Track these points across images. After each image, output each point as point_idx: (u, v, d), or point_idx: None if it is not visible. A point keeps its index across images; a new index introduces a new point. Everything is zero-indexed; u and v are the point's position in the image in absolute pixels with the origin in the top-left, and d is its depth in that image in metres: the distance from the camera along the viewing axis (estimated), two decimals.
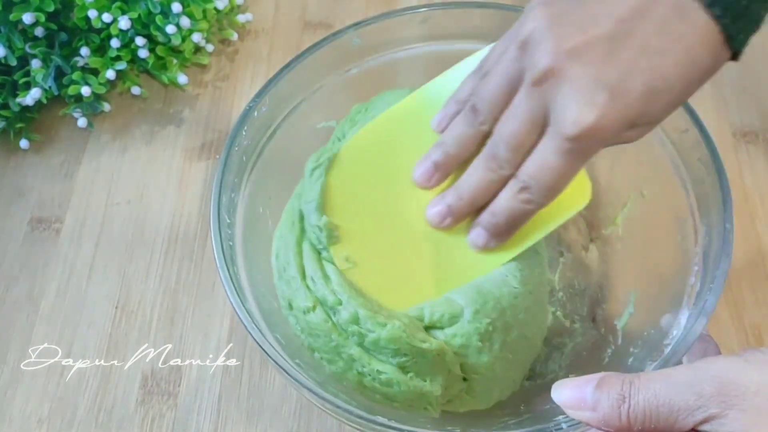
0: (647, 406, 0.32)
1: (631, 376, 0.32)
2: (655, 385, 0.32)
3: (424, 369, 0.41)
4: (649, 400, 0.31)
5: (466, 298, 0.42)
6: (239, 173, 0.46)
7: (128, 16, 0.58)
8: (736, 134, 0.60)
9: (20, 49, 0.57)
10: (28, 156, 0.60)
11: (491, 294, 0.42)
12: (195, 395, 0.49)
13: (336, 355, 0.41)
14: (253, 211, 0.47)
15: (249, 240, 0.45)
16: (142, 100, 0.63)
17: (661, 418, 0.31)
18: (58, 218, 0.56)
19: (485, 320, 0.41)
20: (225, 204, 0.44)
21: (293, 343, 0.43)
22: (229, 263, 0.42)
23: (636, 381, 0.32)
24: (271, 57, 0.65)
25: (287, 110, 0.49)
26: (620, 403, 0.32)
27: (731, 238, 0.41)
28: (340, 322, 0.41)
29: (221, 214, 0.43)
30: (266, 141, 0.48)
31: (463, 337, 0.41)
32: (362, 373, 0.41)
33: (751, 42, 0.40)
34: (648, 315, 0.45)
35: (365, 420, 0.38)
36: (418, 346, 0.40)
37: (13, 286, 0.53)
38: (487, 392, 0.43)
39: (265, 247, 0.46)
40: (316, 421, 0.48)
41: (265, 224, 0.47)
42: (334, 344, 0.41)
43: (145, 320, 0.52)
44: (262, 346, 0.39)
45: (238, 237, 0.45)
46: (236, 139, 0.46)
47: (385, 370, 0.40)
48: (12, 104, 0.58)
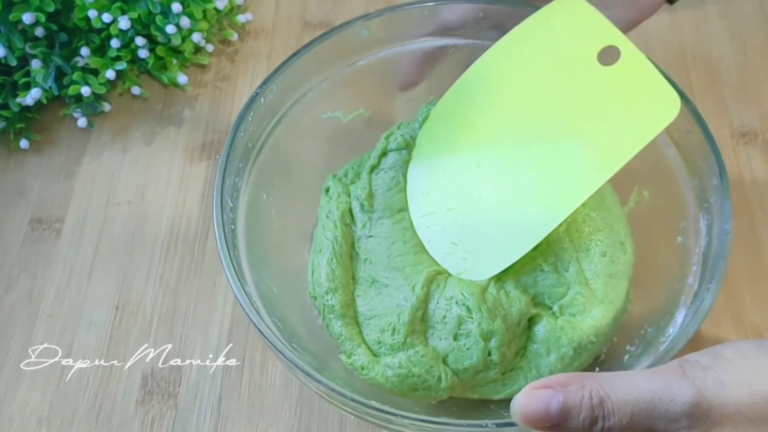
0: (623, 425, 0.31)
1: (598, 384, 0.31)
2: (628, 397, 0.31)
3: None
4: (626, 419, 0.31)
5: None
6: (244, 159, 0.47)
7: (128, 16, 0.58)
8: (735, 134, 0.60)
9: (20, 50, 0.57)
10: (29, 156, 0.60)
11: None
12: (195, 395, 0.49)
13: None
14: (256, 197, 0.47)
15: (251, 226, 0.45)
16: (142, 100, 0.63)
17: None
18: (58, 218, 0.56)
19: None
20: (228, 188, 0.44)
21: (290, 327, 0.43)
22: (230, 246, 0.42)
23: (607, 401, 0.31)
24: (271, 57, 0.65)
25: (293, 99, 0.50)
26: (591, 425, 0.31)
27: (730, 240, 0.41)
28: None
29: (224, 197, 0.43)
30: (272, 129, 0.49)
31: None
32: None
33: (751, 42, 0.40)
34: (645, 313, 0.45)
35: (360, 404, 0.38)
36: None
37: (13, 286, 0.53)
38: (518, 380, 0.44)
39: (268, 234, 0.46)
40: (317, 420, 0.48)
41: (268, 212, 0.47)
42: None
43: (146, 320, 0.52)
44: (259, 328, 0.39)
45: (240, 222, 0.45)
46: (242, 124, 0.46)
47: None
48: (12, 104, 0.58)
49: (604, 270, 0.45)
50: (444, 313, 0.44)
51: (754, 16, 0.66)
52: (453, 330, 0.44)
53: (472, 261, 0.46)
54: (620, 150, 0.42)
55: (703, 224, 0.43)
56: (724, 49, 0.64)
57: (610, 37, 0.44)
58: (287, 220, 0.50)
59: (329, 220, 0.49)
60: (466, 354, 0.43)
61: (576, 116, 0.44)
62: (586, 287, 0.45)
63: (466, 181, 0.47)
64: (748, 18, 0.66)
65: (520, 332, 0.44)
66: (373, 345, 0.45)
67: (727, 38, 0.65)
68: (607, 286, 0.45)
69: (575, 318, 0.44)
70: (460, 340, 0.44)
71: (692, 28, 0.65)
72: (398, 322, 0.44)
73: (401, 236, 0.48)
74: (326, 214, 0.49)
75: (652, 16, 0.49)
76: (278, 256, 0.48)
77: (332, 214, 0.49)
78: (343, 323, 0.46)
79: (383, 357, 0.44)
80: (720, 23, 0.66)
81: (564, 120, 0.45)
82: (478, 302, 0.44)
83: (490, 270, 0.45)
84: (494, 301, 0.44)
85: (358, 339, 0.45)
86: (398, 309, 0.45)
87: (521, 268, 0.45)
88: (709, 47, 0.64)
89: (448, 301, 0.44)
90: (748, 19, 0.66)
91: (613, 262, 0.46)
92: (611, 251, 0.46)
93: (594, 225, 0.47)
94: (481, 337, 0.43)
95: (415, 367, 0.43)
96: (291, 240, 0.50)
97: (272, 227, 0.48)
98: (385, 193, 0.49)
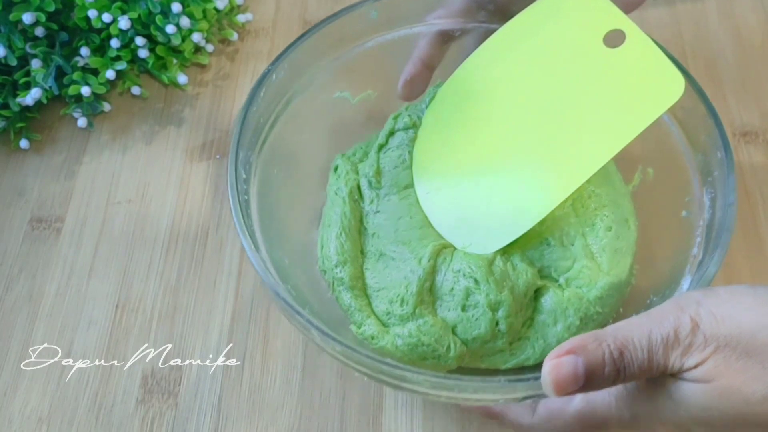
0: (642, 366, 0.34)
1: (613, 338, 0.34)
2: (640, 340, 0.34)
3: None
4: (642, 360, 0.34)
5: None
6: (255, 134, 0.48)
7: (128, 16, 0.58)
8: (736, 134, 0.60)
9: (20, 49, 0.57)
10: (29, 156, 0.60)
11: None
12: (195, 395, 0.49)
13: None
14: (268, 173, 0.49)
15: (263, 199, 0.47)
16: (142, 99, 0.63)
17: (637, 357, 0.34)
18: (58, 218, 0.56)
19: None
20: (242, 160, 0.45)
21: (302, 297, 0.44)
22: (244, 214, 0.44)
23: (625, 351, 0.34)
24: (271, 57, 0.65)
25: (303, 78, 0.51)
26: (614, 378, 0.34)
27: (734, 212, 0.42)
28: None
29: (238, 167, 0.45)
30: (282, 107, 0.50)
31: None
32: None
33: (751, 42, 0.41)
34: (651, 284, 0.46)
35: (376, 361, 0.38)
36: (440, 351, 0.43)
37: (13, 286, 0.53)
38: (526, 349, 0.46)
39: (278, 209, 0.48)
40: (317, 420, 0.48)
41: (279, 187, 0.49)
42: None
43: (146, 320, 0.52)
44: (275, 290, 0.40)
45: (253, 194, 0.46)
46: (254, 99, 0.47)
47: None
48: (12, 104, 0.58)
49: (609, 244, 0.47)
50: (451, 285, 0.45)
51: (755, 14, 0.66)
52: (461, 301, 0.45)
53: (478, 235, 0.47)
54: (626, 128, 0.43)
55: (707, 198, 0.44)
56: (725, 48, 0.64)
57: (616, 20, 0.45)
58: (297, 197, 0.51)
59: (338, 196, 0.50)
60: (475, 324, 0.44)
61: (583, 96, 0.45)
62: (591, 260, 0.46)
63: (471, 158, 0.49)
64: (748, 16, 0.66)
65: (527, 303, 0.45)
66: (383, 316, 0.46)
67: (728, 37, 0.65)
68: (612, 260, 0.46)
69: (581, 290, 0.45)
70: (468, 311, 0.45)
71: (692, 26, 0.65)
72: (406, 293, 0.45)
73: (407, 212, 0.49)
74: (335, 191, 0.51)
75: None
76: (289, 230, 0.49)
77: (341, 190, 0.50)
78: (352, 295, 0.47)
79: (393, 327, 0.45)
80: (720, 22, 0.66)
81: (571, 99, 0.46)
82: (486, 274, 0.45)
83: (495, 244, 0.46)
84: (501, 273, 0.45)
85: (367, 310, 0.46)
86: (406, 281, 0.46)
87: (527, 242, 0.47)
88: (710, 46, 0.64)
89: (456, 274, 0.46)
90: (749, 18, 0.66)
91: (618, 237, 0.47)
92: (616, 227, 0.47)
93: (599, 201, 0.48)
94: (488, 308, 0.44)
95: (424, 336, 0.44)
96: (301, 216, 0.51)
97: (283, 203, 0.49)
98: (392, 171, 0.51)
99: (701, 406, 0.34)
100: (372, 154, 0.51)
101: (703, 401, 0.34)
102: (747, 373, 0.33)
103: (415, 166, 0.50)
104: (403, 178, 0.50)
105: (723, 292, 0.35)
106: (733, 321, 0.33)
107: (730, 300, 0.34)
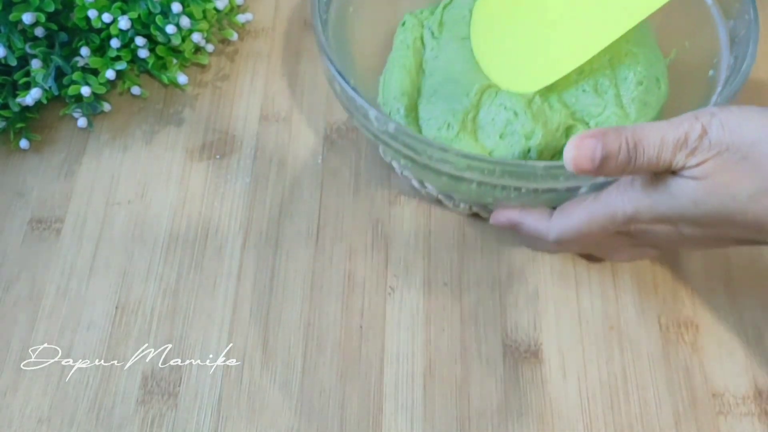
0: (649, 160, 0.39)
1: (632, 132, 0.39)
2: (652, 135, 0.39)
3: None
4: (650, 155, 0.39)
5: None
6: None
7: (128, 16, 0.58)
8: None
9: (20, 49, 0.57)
10: (28, 156, 0.60)
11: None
12: (195, 395, 0.49)
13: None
14: (345, 7, 0.56)
15: (337, 29, 0.54)
16: (142, 100, 0.63)
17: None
18: (58, 218, 0.56)
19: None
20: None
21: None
22: (322, 22, 0.52)
23: (639, 144, 0.39)
24: (271, 56, 0.65)
25: None
26: (625, 166, 0.39)
27: (753, 61, 0.48)
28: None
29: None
30: None
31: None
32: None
33: None
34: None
35: (417, 140, 0.46)
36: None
37: (13, 286, 0.53)
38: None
39: (350, 42, 0.55)
40: (317, 420, 0.48)
41: (352, 25, 0.56)
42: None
43: (146, 320, 0.52)
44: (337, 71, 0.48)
45: (330, 20, 0.54)
46: None
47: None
48: (12, 104, 0.58)
49: (638, 97, 0.53)
50: (493, 116, 0.52)
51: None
52: (500, 130, 0.52)
53: (521, 77, 0.53)
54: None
55: (732, 58, 0.51)
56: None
57: None
58: (366, 42, 0.59)
59: (403, 44, 0.58)
60: (510, 150, 0.51)
61: None
62: (621, 109, 0.52)
63: (524, 9, 0.56)
64: None
65: (558, 137, 0.51)
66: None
67: None
68: (640, 111, 0.52)
69: None
70: (506, 139, 0.51)
71: None
72: (453, 119, 0.52)
73: (462, 57, 0.56)
74: (401, 40, 0.58)
75: None
76: (357, 62, 0.56)
77: (406, 39, 0.58)
78: (406, 122, 0.54)
79: None
80: None
81: None
82: (525, 108, 0.51)
83: (536, 84, 0.52)
84: (538, 109, 0.52)
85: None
86: (453, 111, 0.53)
87: (564, 86, 0.53)
88: None
89: (498, 107, 0.52)
90: None
91: (647, 92, 0.53)
92: (647, 83, 0.53)
93: (634, 59, 0.54)
94: (524, 137, 0.51)
95: None
96: (369, 56, 0.59)
97: (354, 39, 0.57)
98: (453, 24, 0.58)
99: (693, 201, 0.39)
100: (437, 10, 0.59)
101: (695, 196, 0.39)
102: (738, 173, 0.37)
103: (473, 21, 0.58)
104: (462, 30, 0.57)
105: (735, 108, 0.39)
106: (738, 131, 0.38)
107: (740, 115, 0.38)
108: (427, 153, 0.46)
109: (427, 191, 0.56)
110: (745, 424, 0.47)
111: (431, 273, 0.53)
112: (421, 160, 0.47)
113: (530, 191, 0.46)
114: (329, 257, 0.54)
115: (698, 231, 0.42)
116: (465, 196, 0.53)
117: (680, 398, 0.48)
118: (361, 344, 0.51)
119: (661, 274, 0.53)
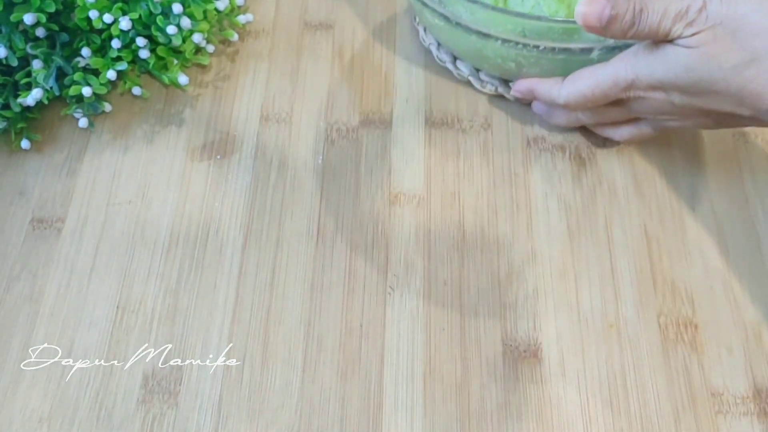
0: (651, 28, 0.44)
1: (644, 4, 0.44)
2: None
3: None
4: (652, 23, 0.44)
5: None
6: None
7: (129, 16, 0.58)
8: (735, 134, 0.60)
9: (21, 50, 0.57)
10: (29, 156, 0.60)
11: None
12: (195, 395, 0.49)
13: None
14: None
15: None
16: (143, 100, 0.63)
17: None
18: (59, 218, 0.56)
19: None
20: None
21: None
22: None
23: (645, 10, 0.43)
24: (271, 57, 0.65)
25: None
26: (629, 28, 0.44)
27: None
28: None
29: None
30: None
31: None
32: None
33: None
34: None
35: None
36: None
37: (13, 285, 0.53)
38: None
39: None
40: (317, 420, 0.48)
41: None
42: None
43: (146, 320, 0.52)
44: None
45: None
46: None
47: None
48: (13, 104, 0.58)
49: None
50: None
51: None
52: (527, 10, 0.55)
53: None
54: None
55: None
56: None
57: None
58: None
59: None
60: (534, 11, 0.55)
61: None
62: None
63: None
64: None
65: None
66: None
67: None
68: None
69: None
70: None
71: None
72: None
73: None
74: None
75: None
76: None
77: None
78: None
79: None
80: None
81: None
82: None
83: None
84: None
85: None
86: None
87: None
88: None
89: None
90: None
91: None
92: None
93: None
94: (548, 16, 0.54)
95: None
96: None
97: None
98: None
99: (685, 67, 0.44)
100: None
101: (687, 62, 0.44)
102: (727, 45, 0.42)
103: None
104: None
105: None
106: (734, 7, 0.42)
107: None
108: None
109: (459, 72, 0.61)
110: (744, 424, 0.47)
111: (431, 273, 0.53)
112: (454, 18, 0.54)
113: (548, 50, 0.51)
114: (329, 257, 0.54)
115: (686, 100, 0.46)
116: (491, 65, 0.57)
117: (679, 397, 0.49)
118: (361, 344, 0.51)
119: (661, 274, 0.53)
